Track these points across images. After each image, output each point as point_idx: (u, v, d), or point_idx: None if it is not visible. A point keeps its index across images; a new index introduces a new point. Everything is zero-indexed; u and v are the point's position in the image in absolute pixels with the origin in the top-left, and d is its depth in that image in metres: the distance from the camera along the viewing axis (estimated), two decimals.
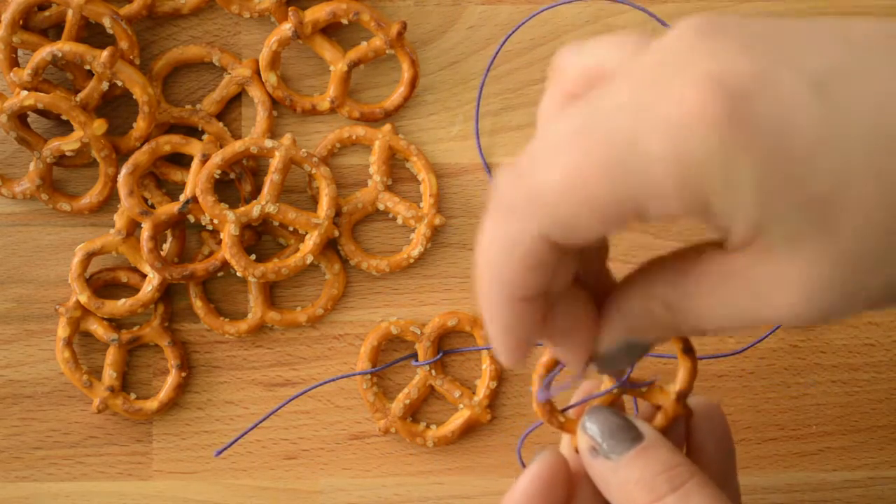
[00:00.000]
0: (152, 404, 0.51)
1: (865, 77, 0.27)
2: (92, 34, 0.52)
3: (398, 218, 0.52)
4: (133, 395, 0.52)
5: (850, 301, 0.28)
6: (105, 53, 0.50)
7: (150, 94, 0.51)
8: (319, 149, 0.52)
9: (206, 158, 0.51)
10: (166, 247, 0.52)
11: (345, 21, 0.52)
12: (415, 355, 0.52)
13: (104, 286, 0.52)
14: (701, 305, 0.30)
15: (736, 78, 0.26)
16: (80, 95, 0.51)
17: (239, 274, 0.51)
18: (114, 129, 0.52)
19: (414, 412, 0.52)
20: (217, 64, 0.53)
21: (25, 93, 0.50)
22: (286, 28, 0.51)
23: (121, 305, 0.51)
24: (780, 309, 0.28)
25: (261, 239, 0.52)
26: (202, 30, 0.53)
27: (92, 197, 0.52)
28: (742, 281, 0.29)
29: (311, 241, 0.51)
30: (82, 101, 0.51)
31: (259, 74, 0.52)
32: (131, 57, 0.51)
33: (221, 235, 0.50)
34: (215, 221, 0.50)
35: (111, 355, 0.51)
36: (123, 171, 0.51)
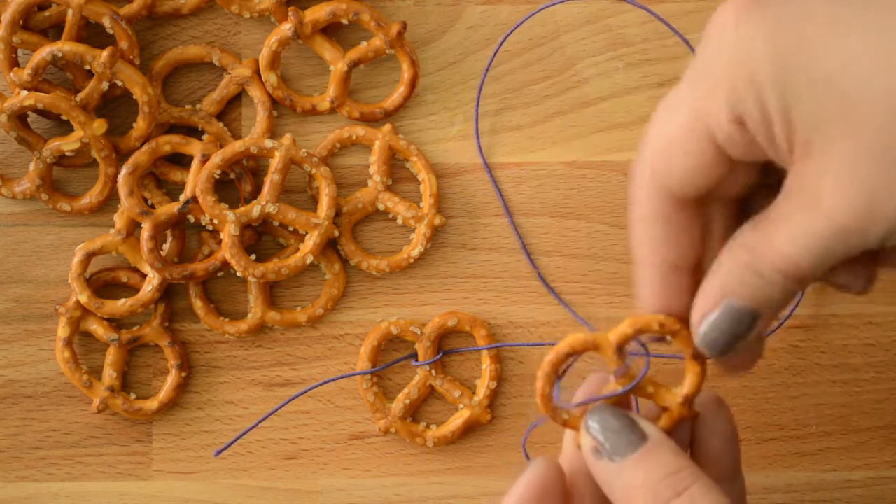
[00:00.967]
0: (152, 404, 0.51)
1: None
2: (92, 34, 0.52)
3: (398, 218, 0.52)
4: (133, 395, 0.52)
5: (891, 194, 0.29)
6: (105, 53, 0.50)
7: (150, 94, 0.51)
8: (319, 149, 0.52)
9: (206, 158, 0.51)
10: (166, 247, 0.52)
11: (345, 21, 0.52)
12: (415, 355, 0.52)
13: (104, 286, 0.52)
14: (773, 238, 0.32)
15: None
16: (80, 95, 0.51)
17: (239, 274, 0.51)
18: (114, 129, 0.52)
19: (414, 412, 0.52)
20: (217, 64, 0.53)
21: (25, 93, 0.50)
22: (286, 28, 0.51)
23: (121, 305, 0.51)
24: (830, 213, 0.30)
25: (261, 239, 0.52)
26: (202, 30, 0.53)
27: (92, 197, 0.52)
28: (798, 197, 0.31)
29: (311, 241, 0.51)
30: (82, 101, 0.51)
31: (259, 74, 0.52)
32: (131, 57, 0.51)
33: (221, 235, 0.50)
34: (215, 221, 0.50)
35: (111, 355, 0.51)
36: (123, 171, 0.51)
